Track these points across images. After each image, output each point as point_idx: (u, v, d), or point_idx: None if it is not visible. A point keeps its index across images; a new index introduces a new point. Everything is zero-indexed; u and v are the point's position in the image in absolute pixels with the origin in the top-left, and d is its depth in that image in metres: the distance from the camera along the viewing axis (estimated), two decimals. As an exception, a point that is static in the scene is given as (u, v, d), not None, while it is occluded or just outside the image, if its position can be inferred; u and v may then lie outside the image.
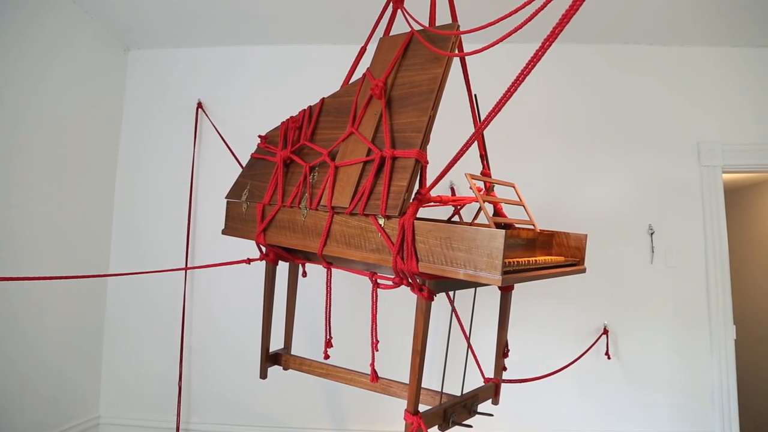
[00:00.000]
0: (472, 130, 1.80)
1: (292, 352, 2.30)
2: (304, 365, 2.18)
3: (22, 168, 2.77)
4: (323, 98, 2.01)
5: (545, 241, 1.85)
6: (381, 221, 1.53)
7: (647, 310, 3.29)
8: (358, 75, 2.00)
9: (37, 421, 2.87)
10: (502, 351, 2.02)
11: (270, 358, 2.24)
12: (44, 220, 2.92)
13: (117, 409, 3.40)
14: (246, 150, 2.42)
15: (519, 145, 3.41)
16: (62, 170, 3.05)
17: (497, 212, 1.96)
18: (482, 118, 1.50)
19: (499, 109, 1.26)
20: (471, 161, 1.96)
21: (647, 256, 3.33)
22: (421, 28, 1.77)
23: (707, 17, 3.14)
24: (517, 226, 1.82)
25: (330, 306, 2.06)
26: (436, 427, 1.67)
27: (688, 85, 3.45)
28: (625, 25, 3.28)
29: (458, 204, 1.95)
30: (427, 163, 1.59)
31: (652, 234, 3.32)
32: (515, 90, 1.22)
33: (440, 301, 3.02)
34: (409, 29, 1.81)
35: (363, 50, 2.12)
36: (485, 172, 2.02)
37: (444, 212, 2.71)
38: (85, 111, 3.23)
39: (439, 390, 1.87)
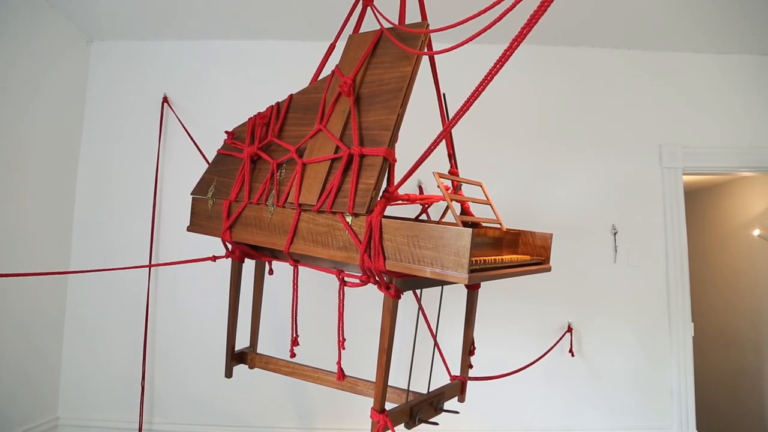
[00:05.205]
0: (441, 128, 1.81)
1: (258, 351, 2.28)
2: (270, 364, 2.16)
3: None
4: (291, 95, 1.99)
5: (511, 240, 1.87)
6: (348, 219, 1.53)
7: (610, 309, 3.36)
8: (327, 72, 1.99)
9: (-9, 423, 2.78)
10: (469, 349, 2.04)
11: (235, 357, 2.21)
12: (2, 214, 2.83)
13: (77, 409, 3.31)
14: (212, 146, 2.39)
15: (487, 145, 3.44)
16: (20, 164, 2.95)
17: (464, 211, 1.97)
18: (450, 117, 1.51)
19: (467, 109, 1.27)
20: (439, 160, 1.97)
21: (610, 255, 3.40)
22: (391, 26, 1.77)
23: (671, 23, 3.23)
24: (484, 224, 1.84)
25: (296, 304, 2.05)
26: (403, 425, 1.67)
27: (651, 88, 3.54)
28: (590, 29, 3.35)
29: (426, 202, 1.96)
30: (395, 161, 1.59)
31: (615, 234, 3.40)
32: (483, 90, 1.23)
33: (407, 299, 3.03)
34: (378, 27, 1.81)
35: (332, 47, 2.11)
36: (453, 171, 2.03)
37: (412, 210, 2.72)
38: (45, 103, 3.13)
39: (406, 388, 1.87)
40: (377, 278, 1.52)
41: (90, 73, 3.54)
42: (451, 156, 2.05)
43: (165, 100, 3.46)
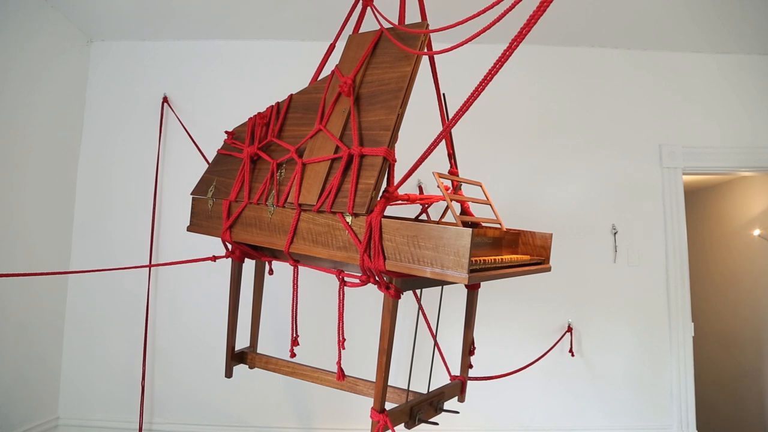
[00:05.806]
0: (441, 128, 1.81)
1: (258, 351, 2.28)
2: (270, 364, 2.16)
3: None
4: (291, 95, 1.99)
5: (511, 239, 1.87)
6: (348, 219, 1.53)
7: (610, 308, 3.36)
8: (326, 72, 1.99)
9: (-9, 423, 2.78)
10: (468, 348, 2.03)
11: (235, 357, 2.21)
12: (2, 215, 2.83)
13: (77, 409, 3.31)
14: (212, 146, 2.39)
15: (487, 145, 3.44)
16: (20, 164, 2.95)
17: (464, 211, 1.97)
18: (450, 117, 1.51)
19: (467, 109, 1.27)
20: (439, 160, 1.97)
21: (610, 255, 3.40)
22: (391, 26, 1.77)
23: (671, 23, 3.22)
24: (483, 224, 1.84)
25: (296, 304, 2.05)
26: (403, 425, 1.67)
27: (652, 88, 3.54)
28: (590, 28, 3.34)
29: (426, 202, 1.96)
30: (395, 161, 1.59)
31: (615, 234, 3.39)
32: (483, 89, 1.23)
33: (407, 299, 3.03)
34: (378, 27, 1.80)
35: (332, 47, 2.11)
36: (453, 171, 2.03)
37: (411, 210, 2.72)
38: (45, 103, 3.13)
39: (406, 388, 1.87)
40: (377, 278, 1.52)
41: (90, 73, 3.54)
42: (451, 156, 2.05)
43: (165, 100, 3.46)
